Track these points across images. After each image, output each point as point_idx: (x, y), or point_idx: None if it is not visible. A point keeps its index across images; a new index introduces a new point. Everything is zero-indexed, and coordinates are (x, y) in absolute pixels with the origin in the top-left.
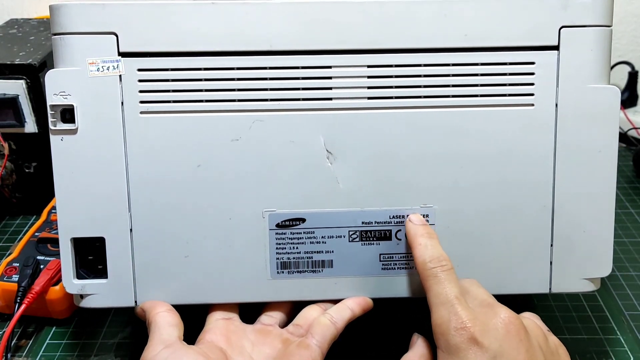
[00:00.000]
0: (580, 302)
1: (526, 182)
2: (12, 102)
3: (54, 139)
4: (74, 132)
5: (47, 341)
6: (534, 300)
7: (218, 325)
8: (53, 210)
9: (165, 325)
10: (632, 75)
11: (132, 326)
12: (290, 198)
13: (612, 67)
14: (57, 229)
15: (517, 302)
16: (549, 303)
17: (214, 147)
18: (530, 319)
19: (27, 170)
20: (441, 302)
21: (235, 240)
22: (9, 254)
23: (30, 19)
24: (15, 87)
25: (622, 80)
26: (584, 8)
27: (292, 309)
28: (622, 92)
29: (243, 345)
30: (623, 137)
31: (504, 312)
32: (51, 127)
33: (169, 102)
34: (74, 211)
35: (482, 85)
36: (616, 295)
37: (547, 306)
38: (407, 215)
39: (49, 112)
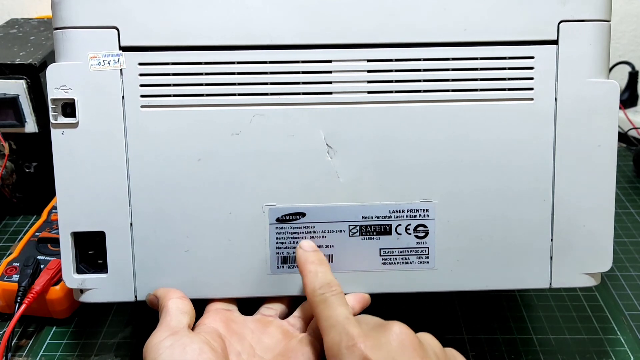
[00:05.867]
0: (580, 302)
1: (526, 176)
2: (12, 102)
3: (54, 133)
4: (74, 126)
5: (48, 341)
6: (534, 299)
7: (218, 313)
8: (53, 210)
9: (175, 312)
10: (632, 75)
11: (132, 326)
12: (290, 192)
13: (612, 67)
14: (57, 229)
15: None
16: (549, 303)
17: (214, 141)
18: (426, 334)
19: (27, 170)
20: (331, 325)
21: (235, 234)
22: (9, 254)
23: (30, 19)
24: (16, 87)
25: (622, 80)
26: (583, 2)
27: (292, 301)
28: (622, 92)
29: (243, 333)
30: (623, 137)
31: (398, 327)
32: (52, 121)
33: (169, 96)
34: (74, 205)
35: (481, 79)
36: (616, 295)
37: (547, 306)
38: (406, 210)
39: (50, 106)
